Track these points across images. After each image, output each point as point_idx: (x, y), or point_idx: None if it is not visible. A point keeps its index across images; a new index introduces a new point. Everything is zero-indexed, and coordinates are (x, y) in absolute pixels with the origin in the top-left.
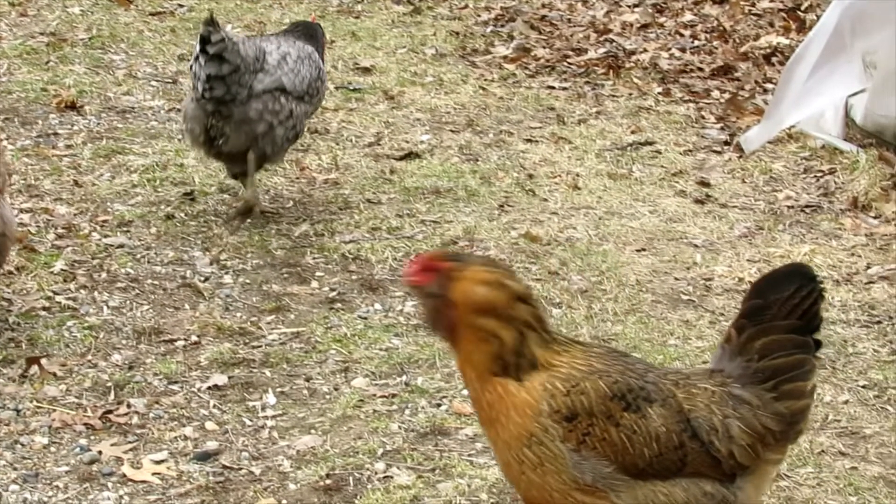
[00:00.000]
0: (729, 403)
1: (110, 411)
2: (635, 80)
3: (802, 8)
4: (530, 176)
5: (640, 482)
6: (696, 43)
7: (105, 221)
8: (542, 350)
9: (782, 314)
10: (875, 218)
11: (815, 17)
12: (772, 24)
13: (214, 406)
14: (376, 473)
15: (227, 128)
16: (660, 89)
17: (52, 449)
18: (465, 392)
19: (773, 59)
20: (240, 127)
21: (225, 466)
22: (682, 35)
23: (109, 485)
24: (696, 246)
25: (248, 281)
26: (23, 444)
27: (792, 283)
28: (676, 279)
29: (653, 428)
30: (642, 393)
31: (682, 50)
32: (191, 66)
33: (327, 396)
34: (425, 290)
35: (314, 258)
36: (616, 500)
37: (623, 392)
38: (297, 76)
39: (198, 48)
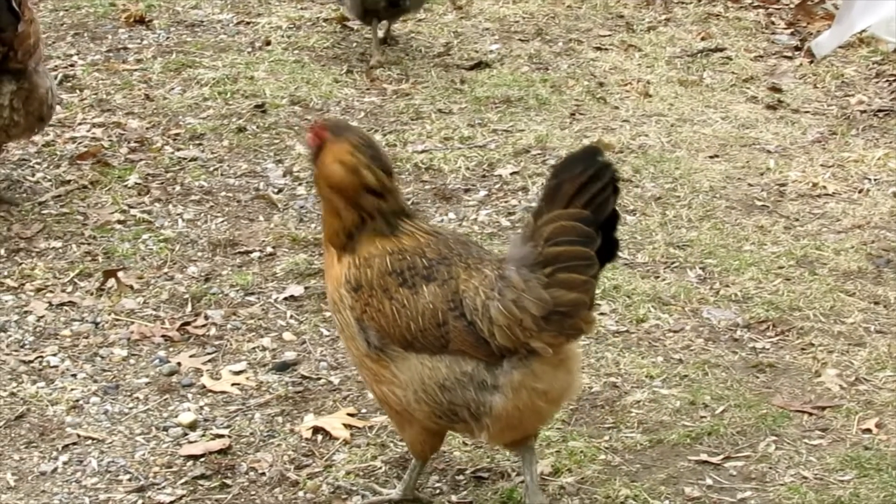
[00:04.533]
0: (497, 286)
1: (188, 323)
2: None
3: None
4: (601, 84)
5: (413, 354)
6: None
7: (177, 135)
8: (373, 240)
9: (570, 194)
10: None
11: None
12: None
13: (291, 317)
14: None
15: None
16: None
17: (132, 361)
18: None
19: None
20: None
21: (304, 376)
22: None
23: (189, 395)
24: (769, 152)
25: None
26: (102, 357)
27: (583, 163)
28: (750, 185)
29: (421, 304)
30: (424, 272)
31: None
32: None
33: None
34: (307, 153)
35: None
36: (396, 370)
37: (403, 269)
38: None
39: None
